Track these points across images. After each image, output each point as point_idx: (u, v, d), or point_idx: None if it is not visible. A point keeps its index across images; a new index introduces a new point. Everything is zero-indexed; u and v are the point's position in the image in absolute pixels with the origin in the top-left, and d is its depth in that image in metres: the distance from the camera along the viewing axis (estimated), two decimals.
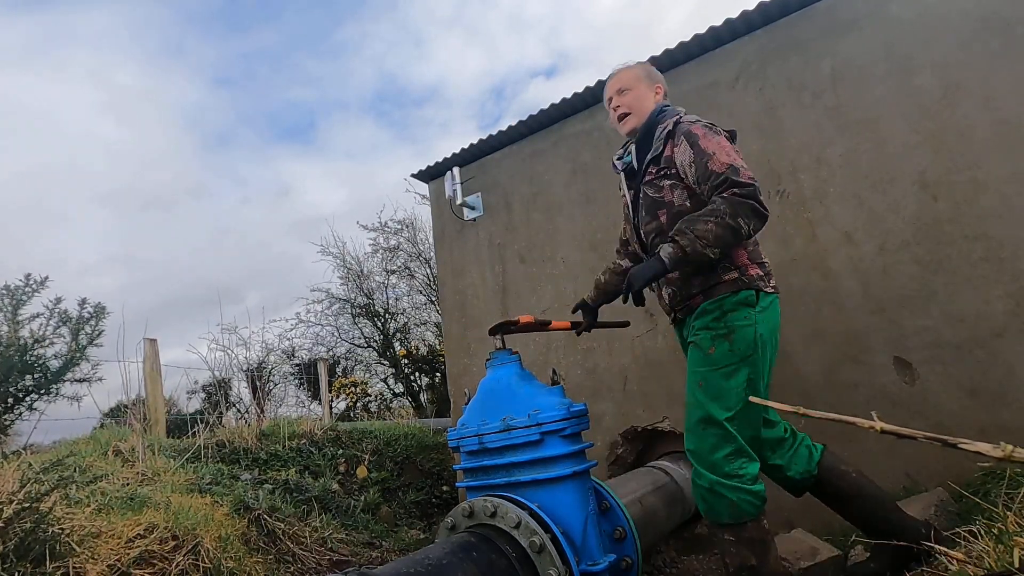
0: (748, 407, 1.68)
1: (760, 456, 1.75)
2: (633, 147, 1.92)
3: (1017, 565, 1.06)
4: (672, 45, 3.18)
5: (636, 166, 1.89)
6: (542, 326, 2.12)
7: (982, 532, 1.32)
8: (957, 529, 1.53)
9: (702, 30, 3.08)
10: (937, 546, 1.44)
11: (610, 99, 1.96)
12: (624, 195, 1.97)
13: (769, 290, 1.74)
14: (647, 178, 1.83)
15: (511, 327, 2.14)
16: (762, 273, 1.75)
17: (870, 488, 1.83)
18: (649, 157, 1.83)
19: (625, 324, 2.24)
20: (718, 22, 3.02)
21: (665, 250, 1.62)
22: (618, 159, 2.01)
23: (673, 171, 1.77)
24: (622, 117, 1.91)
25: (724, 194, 1.62)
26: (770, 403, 1.09)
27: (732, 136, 1.83)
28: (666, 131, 1.81)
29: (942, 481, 2.27)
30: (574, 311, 2.28)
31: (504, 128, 3.87)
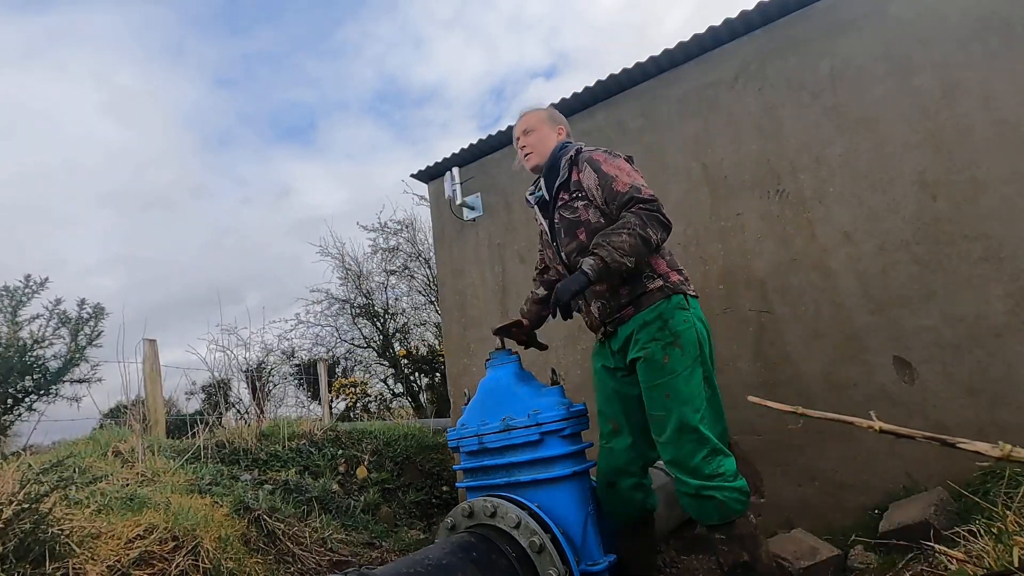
0: (711, 405, 1.78)
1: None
2: (543, 181, 2.08)
3: (1017, 564, 1.06)
4: (671, 45, 3.18)
5: (547, 196, 2.06)
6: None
7: (982, 531, 1.32)
8: (957, 528, 1.53)
9: (701, 30, 3.08)
10: (937, 546, 1.44)
11: (517, 139, 2.16)
12: (541, 224, 2.11)
13: (692, 294, 1.89)
14: (559, 204, 1.99)
15: (511, 330, 2.17)
16: (682, 279, 1.90)
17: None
18: (557, 183, 1.99)
19: (544, 347, 2.32)
20: (717, 22, 3.02)
21: (587, 262, 1.73)
22: (530, 194, 2.17)
23: (583, 193, 1.92)
24: (527, 155, 2.10)
25: (633, 209, 1.79)
26: (770, 403, 1.09)
27: (630, 160, 2.01)
28: (568, 159, 1.98)
29: (942, 480, 2.27)
30: (499, 330, 2.28)
31: (503, 128, 3.87)
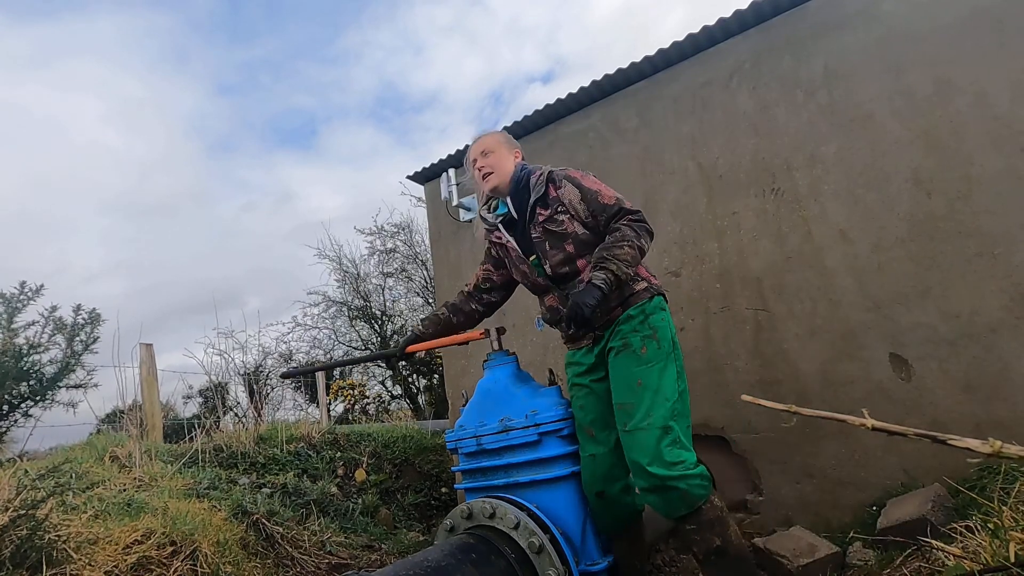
0: (682, 399, 1.83)
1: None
2: (508, 201, 2.11)
3: (1013, 559, 1.07)
4: (666, 44, 3.19)
5: (515, 215, 2.08)
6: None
7: (978, 527, 1.32)
8: (953, 525, 1.54)
9: (695, 29, 3.09)
10: (934, 542, 1.44)
11: (474, 160, 2.16)
12: (505, 243, 2.12)
13: (666, 297, 2.01)
14: (539, 219, 2.02)
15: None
16: (659, 283, 2.02)
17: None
18: (533, 199, 2.03)
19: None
20: (711, 21, 3.03)
21: (598, 277, 1.79)
22: (487, 213, 2.20)
23: (564, 207, 1.99)
24: (486, 176, 2.12)
25: (623, 222, 1.89)
26: (764, 402, 1.09)
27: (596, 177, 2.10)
28: (544, 177, 2.04)
29: (939, 477, 2.28)
30: (407, 345, 2.31)
31: (498, 127, 3.87)
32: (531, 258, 2.05)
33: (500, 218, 2.14)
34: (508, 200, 2.11)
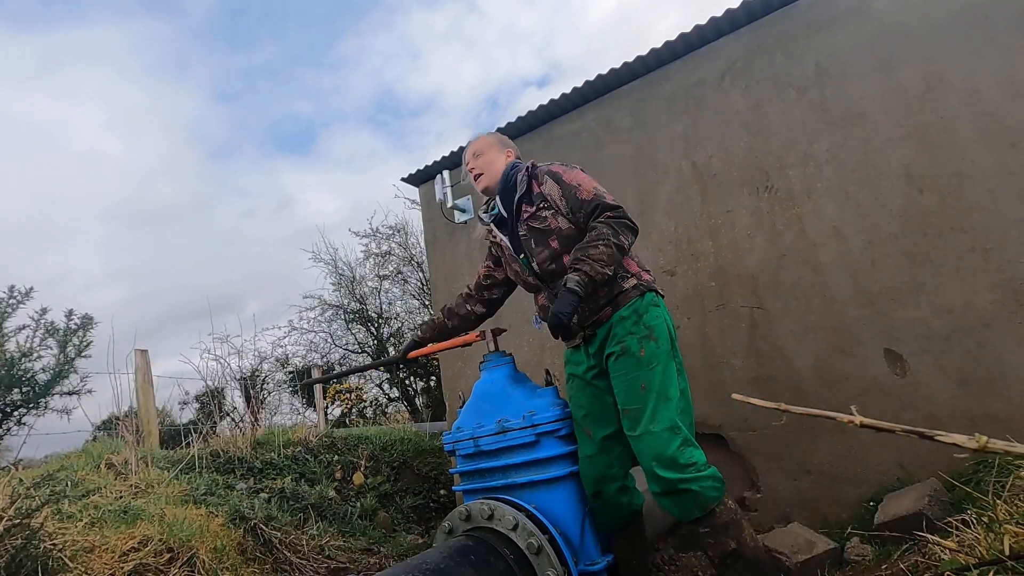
0: (684, 397, 1.82)
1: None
2: (497, 200, 2.12)
3: (1007, 552, 1.07)
4: (658, 44, 3.20)
5: (505, 214, 2.08)
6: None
7: (973, 521, 1.33)
8: (949, 519, 1.55)
9: (687, 29, 3.10)
10: (931, 536, 1.45)
11: (467, 162, 2.19)
12: (499, 242, 2.13)
13: (660, 293, 1.97)
14: (524, 216, 2.01)
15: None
16: (651, 278, 1.98)
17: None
18: (518, 197, 2.02)
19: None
20: (703, 21, 3.04)
21: (572, 279, 1.76)
22: (484, 214, 2.21)
23: (547, 203, 1.98)
24: (477, 177, 2.15)
25: (601, 219, 1.85)
26: (754, 400, 1.10)
27: (583, 169, 2.07)
28: (526, 173, 2.04)
29: (935, 471, 2.29)
30: (407, 352, 2.39)
31: (492, 129, 3.87)
32: (521, 256, 2.05)
33: (494, 217, 2.14)
34: (498, 199, 2.12)
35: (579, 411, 1.96)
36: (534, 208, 1.99)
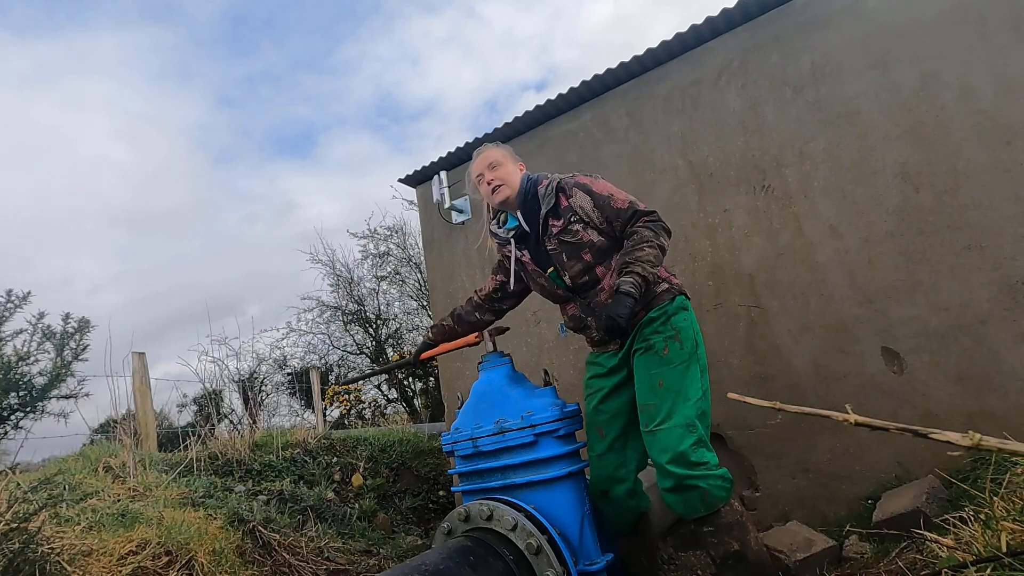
0: (705, 399, 1.82)
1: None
2: (519, 214, 2.07)
3: (1004, 549, 1.08)
4: (655, 44, 3.20)
5: (528, 228, 2.04)
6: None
7: (971, 518, 1.34)
8: (947, 516, 1.55)
9: (683, 29, 3.10)
10: (928, 533, 1.46)
11: (481, 174, 2.10)
12: (521, 256, 2.09)
13: (688, 296, 1.98)
14: (554, 231, 1.98)
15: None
16: (680, 282, 2.00)
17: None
18: (545, 211, 1.99)
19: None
20: (699, 21, 3.05)
21: (626, 283, 1.76)
22: (499, 227, 2.16)
23: (578, 216, 1.95)
24: (495, 188, 2.06)
25: (640, 223, 1.87)
26: (749, 399, 1.10)
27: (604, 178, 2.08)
28: (553, 188, 2.00)
29: (932, 468, 2.30)
30: (420, 353, 2.41)
31: (490, 131, 3.87)
32: (548, 270, 2.02)
33: (512, 232, 2.10)
34: (518, 213, 2.07)
35: (594, 413, 1.97)
36: (563, 222, 1.96)
